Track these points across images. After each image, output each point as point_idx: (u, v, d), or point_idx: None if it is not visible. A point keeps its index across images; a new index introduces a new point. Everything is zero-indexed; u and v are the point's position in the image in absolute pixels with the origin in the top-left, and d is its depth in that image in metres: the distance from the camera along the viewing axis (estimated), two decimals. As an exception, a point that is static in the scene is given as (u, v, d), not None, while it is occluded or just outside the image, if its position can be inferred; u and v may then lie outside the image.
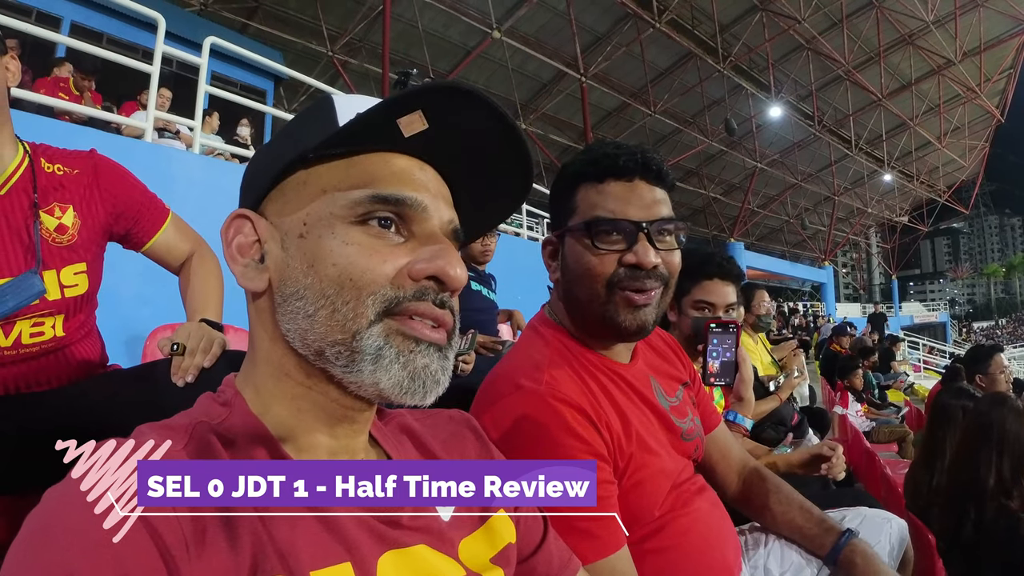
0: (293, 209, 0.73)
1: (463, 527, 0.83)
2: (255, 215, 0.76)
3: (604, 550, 1.15)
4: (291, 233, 0.72)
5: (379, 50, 16.65)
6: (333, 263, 0.69)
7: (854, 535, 1.49)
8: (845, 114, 31.45)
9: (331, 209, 0.71)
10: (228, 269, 0.75)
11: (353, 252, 0.69)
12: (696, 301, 2.39)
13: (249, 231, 0.75)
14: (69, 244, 1.66)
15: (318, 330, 0.68)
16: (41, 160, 1.67)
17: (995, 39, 29.78)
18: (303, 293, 0.69)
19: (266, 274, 0.73)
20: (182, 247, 1.94)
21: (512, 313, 4.59)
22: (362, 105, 0.72)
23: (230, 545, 0.60)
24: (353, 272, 0.68)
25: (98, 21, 10.17)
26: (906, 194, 41.03)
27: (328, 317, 0.68)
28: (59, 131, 4.51)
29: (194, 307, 1.86)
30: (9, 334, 1.59)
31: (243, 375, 0.77)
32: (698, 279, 2.40)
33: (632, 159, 1.29)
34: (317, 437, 0.74)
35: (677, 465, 1.41)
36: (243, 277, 0.74)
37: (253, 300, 0.76)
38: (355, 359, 0.68)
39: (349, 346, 0.68)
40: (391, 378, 0.68)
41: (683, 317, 2.41)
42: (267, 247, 0.74)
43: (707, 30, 23.66)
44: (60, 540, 0.53)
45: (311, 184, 0.73)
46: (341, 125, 0.71)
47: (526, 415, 1.20)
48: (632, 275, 1.28)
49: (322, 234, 0.70)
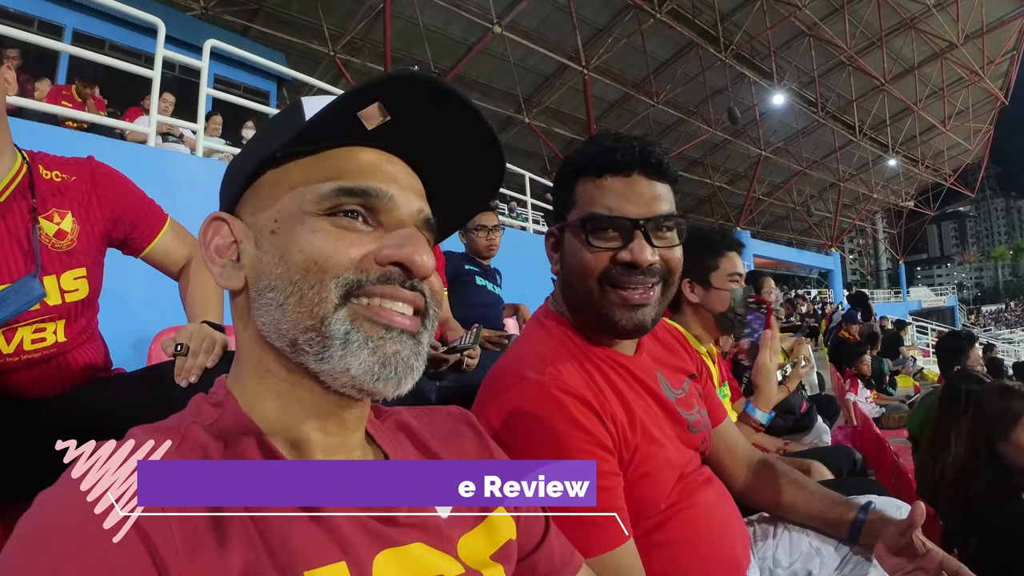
0: (266, 207, 0.74)
1: (462, 524, 0.83)
2: (230, 217, 0.77)
3: (610, 543, 1.15)
4: (264, 230, 0.73)
5: (381, 49, 16.66)
6: (300, 249, 0.70)
7: (873, 504, 1.48)
8: (848, 100, 31.30)
9: (300, 204, 0.72)
10: (211, 272, 0.77)
11: (319, 238, 0.70)
12: (730, 274, 2.40)
13: (226, 232, 0.76)
14: (69, 249, 1.66)
15: (289, 318, 0.69)
16: (39, 167, 1.67)
17: (997, 21, 29.63)
18: (274, 284, 0.70)
19: (242, 272, 0.74)
20: (181, 252, 1.96)
21: (518, 307, 4.60)
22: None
23: (222, 546, 0.60)
24: (318, 256, 0.69)
25: (100, 28, 10.17)
26: (911, 179, 40.90)
27: (297, 303, 0.69)
28: (63, 138, 4.54)
29: (195, 310, 1.88)
30: (11, 341, 1.60)
31: (233, 375, 0.78)
32: (723, 252, 2.43)
33: (630, 154, 1.28)
34: (308, 434, 0.74)
35: (684, 457, 1.40)
36: (221, 276, 0.76)
37: (232, 299, 0.77)
38: (326, 345, 0.68)
39: (319, 331, 0.69)
40: (361, 363, 0.69)
41: (715, 291, 2.41)
42: (243, 247, 0.75)
43: (708, 19, 23.56)
44: (49, 543, 0.53)
45: (282, 182, 0.74)
46: (309, 121, 0.72)
47: (530, 406, 1.19)
48: (625, 272, 1.27)
49: (293, 227, 0.71)
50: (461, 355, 2.61)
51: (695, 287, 2.43)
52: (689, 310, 2.47)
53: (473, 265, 3.84)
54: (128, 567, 0.54)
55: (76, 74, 7.89)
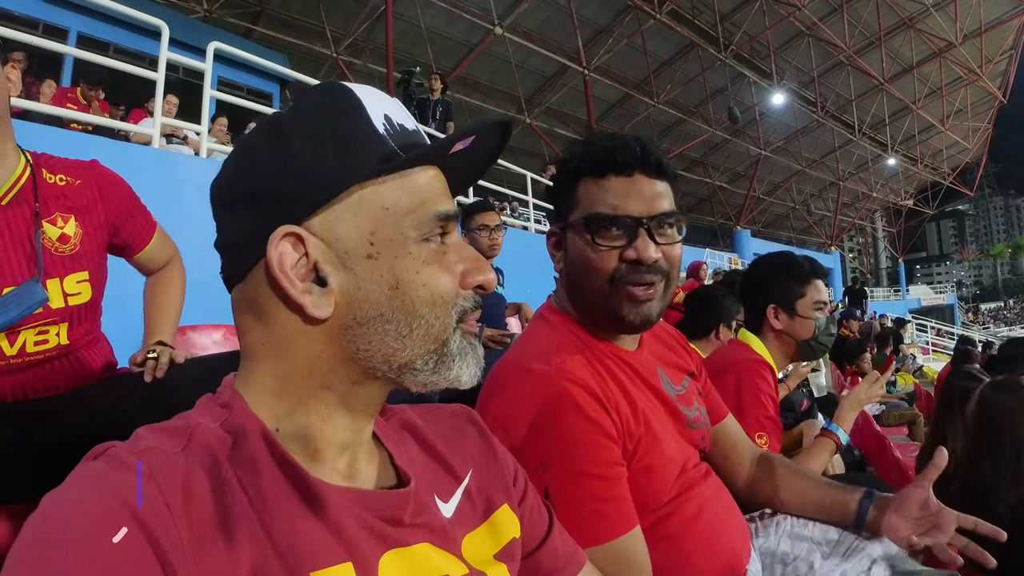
0: (351, 228, 0.70)
1: (466, 523, 0.83)
2: (307, 234, 0.69)
3: (617, 530, 1.16)
4: (355, 253, 0.70)
5: (383, 50, 16.58)
6: (423, 284, 0.72)
7: (875, 491, 1.50)
8: (848, 99, 31.26)
9: (400, 229, 0.71)
10: (289, 296, 0.69)
11: (434, 272, 0.73)
12: (815, 303, 2.38)
13: (298, 250, 0.70)
14: (72, 253, 1.67)
15: (415, 346, 0.72)
16: (43, 170, 1.68)
17: (995, 20, 29.61)
18: (391, 316, 0.71)
19: (331, 297, 0.70)
20: (162, 259, 2.01)
21: (520, 306, 4.62)
22: (385, 104, 0.74)
23: (229, 547, 0.60)
24: (442, 290, 0.73)
25: (104, 31, 10.13)
26: (910, 177, 40.88)
27: (424, 333, 0.72)
28: (68, 140, 4.58)
29: (154, 325, 1.95)
30: (14, 343, 1.60)
31: (241, 376, 0.75)
32: (811, 279, 2.40)
33: (631, 154, 1.30)
34: (322, 436, 0.73)
35: (684, 452, 1.41)
36: (313, 306, 0.69)
37: (303, 323, 0.71)
38: (444, 362, 0.74)
39: (439, 352, 0.73)
40: (468, 370, 0.76)
41: (800, 319, 2.39)
42: (326, 269, 0.70)
43: (708, 19, 23.53)
44: (56, 544, 0.53)
45: (369, 201, 0.70)
46: (412, 154, 0.72)
47: (537, 397, 1.21)
48: (633, 270, 1.29)
49: (397, 254, 0.71)
50: None
51: (780, 313, 2.42)
52: (772, 335, 2.46)
53: None
54: (134, 569, 0.54)
55: (81, 77, 7.94)
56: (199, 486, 0.61)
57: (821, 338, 2.38)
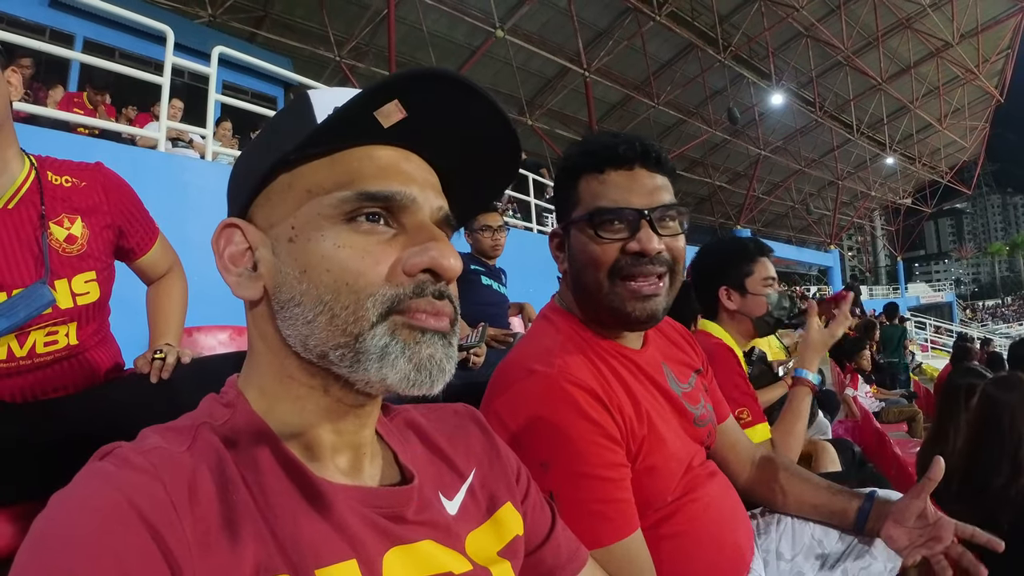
0: (281, 214, 0.71)
1: (470, 520, 0.83)
2: (244, 223, 0.73)
3: (619, 533, 1.16)
4: (280, 238, 0.70)
5: (385, 53, 16.59)
6: (327, 269, 0.67)
7: (876, 492, 1.50)
8: (846, 99, 31.34)
9: (318, 210, 0.69)
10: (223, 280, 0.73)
11: (345, 255, 0.67)
12: (764, 279, 2.46)
13: (240, 239, 0.73)
14: (79, 253, 1.68)
15: (319, 335, 0.67)
16: (48, 173, 1.69)
17: (992, 20, 29.72)
18: (299, 299, 0.68)
19: (260, 282, 0.71)
20: (163, 266, 2.02)
21: (523, 306, 4.63)
22: (339, 98, 0.71)
23: (233, 545, 0.60)
24: (348, 276, 0.67)
25: (110, 37, 10.12)
26: (909, 176, 40.98)
27: (328, 323, 0.67)
28: (74, 144, 4.61)
29: (159, 330, 1.97)
30: (24, 344, 1.61)
31: (244, 376, 0.76)
32: (757, 257, 2.50)
33: (631, 147, 1.29)
34: (322, 434, 0.73)
35: (689, 450, 1.40)
36: (237, 287, 0.72)
37: (251, 307, 0.74)
38: (359, 359, 0.67)
39: (352, 347, 0.67)
40: (397, 372, 0.67)
41: (752, 296, 2.47)
42: (259, 254, 0.72)
43: (707, 21, 23.56)
44: (64, 543, 0.53)
45: (296, 186, 0.71)
46: (319, 123, 0.69)
47: (539, 398, 1.20)
48: (635, 262, 1.27)
49: (311, 237, 0.68)
50: (467, 353, 2.71)
51: (732, 294, 2.49)
52: (726, 316, 2.53)
53: (479, 265, 3.88)
54: (140, 567, 0.54)
55: (87, 82, 7.99)
56: (204, 485, 0.62)
57: (775, 312, 2.47)
